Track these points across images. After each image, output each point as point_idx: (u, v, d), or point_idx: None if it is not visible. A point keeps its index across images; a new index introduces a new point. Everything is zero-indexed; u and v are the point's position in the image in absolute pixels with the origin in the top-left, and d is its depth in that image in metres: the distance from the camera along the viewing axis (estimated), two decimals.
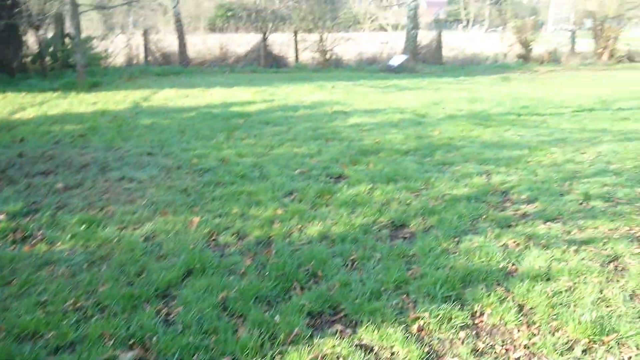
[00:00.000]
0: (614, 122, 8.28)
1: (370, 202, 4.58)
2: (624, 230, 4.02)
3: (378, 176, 5.33)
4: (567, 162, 5.92)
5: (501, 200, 4.72)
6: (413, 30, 18.70)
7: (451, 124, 8.08)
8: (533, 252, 3.56)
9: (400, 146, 6.62)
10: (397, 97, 11.09)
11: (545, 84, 14.07)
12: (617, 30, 20.55)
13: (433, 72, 17.36)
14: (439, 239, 3.78)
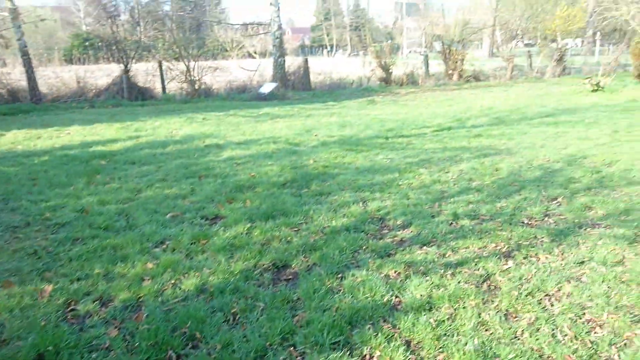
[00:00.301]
0: (470, 140, 9.00)
1: (250, 244, 4.37)
2: (491, 247, 4.26)
3: (256, 214, 5.13)
4: (434, 182, 6.24)
5: (379, 227, 4.78)
6: (280, 58, 18.97)
7: (324, 151, 8.18)
8: (414, 281, 3.60)
9: (276, 179, 6.51)
10: (270, 126, 11.05)
11: (407, 105, 15.02)
12: (462, 52, 22.77)
13: (303, 98, 17.71)
14: (323, 278, 3.68)
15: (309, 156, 7.80)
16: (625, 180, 6.25)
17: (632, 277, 3.65)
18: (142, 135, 10.15)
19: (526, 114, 12.27)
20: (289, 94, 18.05)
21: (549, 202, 5.43)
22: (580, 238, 4.42)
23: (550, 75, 23.66)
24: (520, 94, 17.44)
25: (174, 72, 18.67)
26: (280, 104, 15.91)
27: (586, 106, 13.75)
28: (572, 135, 9.18)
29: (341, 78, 22.27)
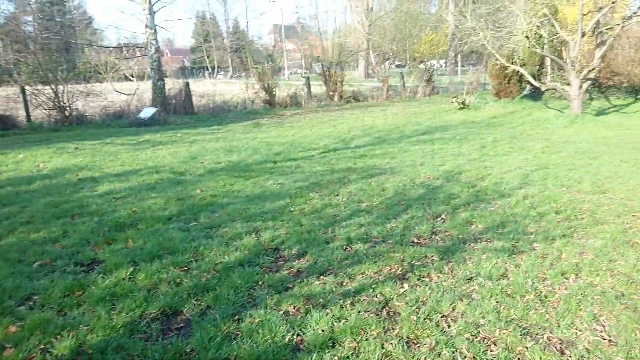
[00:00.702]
0: (356, 160, 9.22)
1: (134, 291, 3.97)
2: (386, 270, 4.30)
3: (140, 254, 4.71)
4: (325, 206, 6.24)
5: (274, 259, 4.62)
6: (159, 81, 18.19)
7: (212, 179, 7.86)
8: (314, 315, 3.48)
9: (161, 213, 6.08)
10: (152, 154, 10.43)
11: (293, 127, 15.13)
12: (341, 74, 23.62)
13: (186, 123, 17.09)
14: (218, 323, 3.42)
15: (196, 185, 7.44)
16: (498, 193, 6.76)
17: (516, 289, 3.87)
18: (2, 171, 9.02)
19: (404, 132, 12.94)
20: (171, 118, 17.32)
21: (434, 220, 5.67)
22: (466, 254, 4.63)
23: (421, 95, 25.39)
24: (397, 113, 18.44)
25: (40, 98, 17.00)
26: (161, 129, 15.17)
27: (455, 123, 14.89)
28: (447, 152, 9.81)
29: (225, 101, 21.92)
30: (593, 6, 15.49)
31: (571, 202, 6.27)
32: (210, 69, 74.60)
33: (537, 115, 15.61)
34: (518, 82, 19.87)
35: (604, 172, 7.83)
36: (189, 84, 19.81)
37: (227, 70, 76.40)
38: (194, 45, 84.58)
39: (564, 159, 8.87)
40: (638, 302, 3.69)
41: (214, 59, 77.89)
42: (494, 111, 17.48)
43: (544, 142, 10.83)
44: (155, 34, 17.84)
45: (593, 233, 5.19)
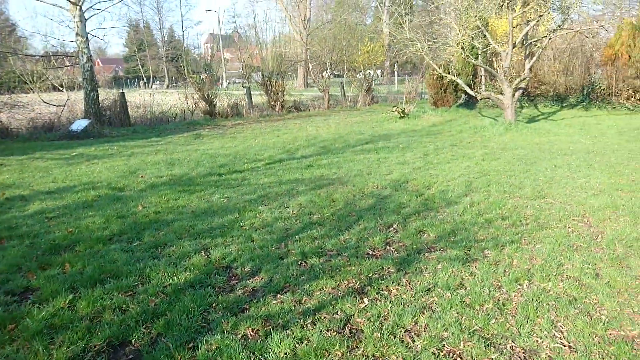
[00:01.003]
0: (303, 171, 9.11)
1: (75, 321, 3.64)
2: (344, 285, 4.20)
3: (79, 280, 4.36)
4: (276, 220, 6.07)
5: (226, 278, 4.41)
6: (92, 92, 17.31)
7: (154, 194, 7.49)
8: (275, 338, 3.32)
9: (100, 232, 5.69)
10: (87, 169, 9.84)
11: (236, 138, 14.83)
12: (282, 84, 23.51)
13: (122, 135, 16.36)
14: (171, 352, 3.19)
15: (137, 202, 7.05)
16: (445, 201, 6.86)
17: (474, 299, 3.88)
18: None
19: (348, 142, 12.99)
20: (106, 130, 16.51)
21: (387, 230, 5.65)
22: (421, 264, 4.62)
23: (361, 104, 25.73)
24: (339, 122, 18.54)
25: None
26: (96, 142, 14.42)
27: (397, 132, 15.14)
28: (392, 161, 9.91)
29: (163, 112, 21.22)
30: (521, 19, 16.31)
31: (515, 208, 6.46)
32: (146, 78, 72.44)
33: (473, 123, 16.17)
34: (454, 92, 20.57)
35: (541, 177, 8.15)
36: (124, 95, 19.01)
37: (163, 80, 74.42)
38: (128, 54, 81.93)
39: (504, 166, 9.17)
40: (590, 306, 3.79)
41: (149, 68, 75.71)
42: (433, 120, 17.95)
43: (483, 150, 11.19)
44: (87, 42, 17.00)
45: (539, 238, 5.34)
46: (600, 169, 8.72)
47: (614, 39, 19.39)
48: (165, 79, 74.77)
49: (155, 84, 72.26)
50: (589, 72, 21.21)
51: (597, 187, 7.45)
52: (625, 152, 10.46)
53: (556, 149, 11.13)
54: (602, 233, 5.49)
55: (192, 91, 21.59)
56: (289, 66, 28.87)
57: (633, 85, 18.55)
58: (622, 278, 4.27)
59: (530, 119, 17.01)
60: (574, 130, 14.29)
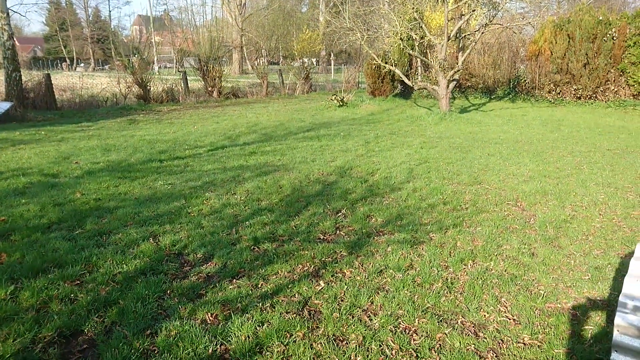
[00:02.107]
0: (247, 158, 9.04)
1: (19, 312, 3.46)
2: (299, 269, 4.25)
3: (19, 270, 4.12)
4: (224, 206, 6.01)
5: (178, 264, 4.34)
6: (14, 72, 16.14)
7: (92, 181, 7.17)
8: (235, 322, 3.32)
9: (37, 221, 5.39)
10: (14, 154, 9.22)
11: (173, 123, 14.41)
12: (220, 70, 23.05)
13: (49, 119, 15.42)
14: (130, 339, 3.12)
15: (74, 189, 6.73)
16: (389, 187, 7.06)
17: (425, 279, 4.06)
18: None
19: (290, 129, 13.00)
20: (30, 114, 15.49)
21: (335, 215, 5.75)
22: (372, 247, 4.76)
23: (300, 92, 25.75)
24: (278, 110, 18.47)
25: None
26: (20, 127, 13.50)
27: (337, 120, 15.33)
28: (335, 148, 10.04)
29: (93, 95, 20.19)
30: (455, 13, 16.92)
31: (455, 194, 6.77)
32: (69, 60, 68.39)
33: (410, 113, 16.65)
34: (391, 82, 21.05)
35: (476, 165, 8.57)
36: (50, 76, 17.89)
37: (89, 62, 70.60)
38: (48, 33, 76.76)
39: (441, 154, 9.55)
40: (529, 282, 4.08)
41: (73, 49, 71.46)
42: (371, 108, 18.30)
43: (421, 138, 11.58)
44: (8, 18, 15.80)
45: (478, 221, 5.65)
46: (529, 157, 9.30)
47: (538, 36, 20.56)
48: (90, 61, 71.05)
49: (80, 66, 68.48)
50: (515, 66, 22.39)
51: (527, 174, 7.94)
52: (549, 142, 11.20)
53: (488, 138, 11.72)
54: (534, 216, 5.88)
55: (124, 75, 20.68)
56: (225, 52, 28.29)
57: (554, 79, 19.80)
58: (555, 256, 4.62)
59: (463, 110, 17.75)
60: (502, 121, 15.08)
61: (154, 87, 21.14)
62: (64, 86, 23.69)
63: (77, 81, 21.50)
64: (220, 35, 32.10)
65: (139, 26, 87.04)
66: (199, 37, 24.48)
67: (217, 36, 26.00)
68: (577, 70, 18.93)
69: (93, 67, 68.33)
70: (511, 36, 21.59)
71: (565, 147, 10.41)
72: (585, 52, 18.60)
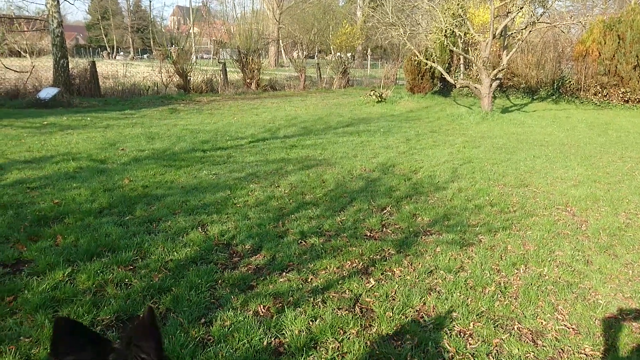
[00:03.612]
0: (288, 151, 9.06)
1: (78, 294, 3.54)
2: (347, 265, 4.22)
3: (75, 253, 4.22)
4: (269, 199, 6.03)
5: (227, 255, 4.37)
6: (62, 59, 16.58)
7: (139, 168, 7.30)
8: (288, 315, 3.32)
9: (89, 205, 5.52)
10: (63, 139, 9.47)
11: (213, 114, 14.56)
12: (258, 62, 23.17)
13: (93, 106, 15.80)
14: (186, 327, 3.15)
15: (122, 175, 6.86)
16: (433, 186, 6.96)
17: (477, 282, 3.98)
18: None
19: (329, 124, 12.96)
20: (76, 100, 15.90)
21: (381, 212, 5.70)
22: (421, 247, 4.70)
23: (337, 87, 25.67)
24: (316, 104, 18.46)
25: None
26: (67, 112, 13.87)
27: (376, 116, 15.21)
28: (375, 145, 9.96)
29: (135, 84, 20.58)
30: (501, 10, 16.51)
31: (501, 195, 6.62)
32: (109, 48, 69.91)
33: (450, 111, 16.39)
34: (431, 79, 20.75)
35: (522, 167, 8.36)
36: (95, 64, 18.33)
37: (128, 51, 71.99)
38: (91, 22, 78.58)
39: (485, 154, 9.36)
40: (585, 290, 3.95)
41: (113, 38, 73.00)
42: (410, 105, 18.10)
43: (463, 137, 11.38)
44: (58, 5, 16.22)
45: (528, 225, 5.50)
46: (577, 160, 9.02)
47: (586, 36, 19.89)
48: (130, 50, 72.48)
49: (120, 54, 69.92)
50: (560, 66, 21.75)
51: (576, 178, 7.70)
52: (597, 146, 10.84)
53: (532, 140, 11.43)
54: (585, 222, 5.70)
55: (165, 64, 20.99)
56: (264, 44, 28.42)
57: (601, 81, 19.15)
58: (612, 265, 4.46)
59: (504, 110, 17.36)
60: (546, 123, 14.68)
61: (194, 77, 21.40)
62: (107, 74, 24.20)
63: (121, 69, 21.92)
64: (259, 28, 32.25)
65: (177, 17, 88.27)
66: (238, 29, 24.59)
67: (256, 28, 26.07)
68: (627, 72, 18.25)
69: (132, 56, 69.68)
70: (557, 35, 20.98)
71: (614, 152, 10.06)
72: (636, 54, 17.90)
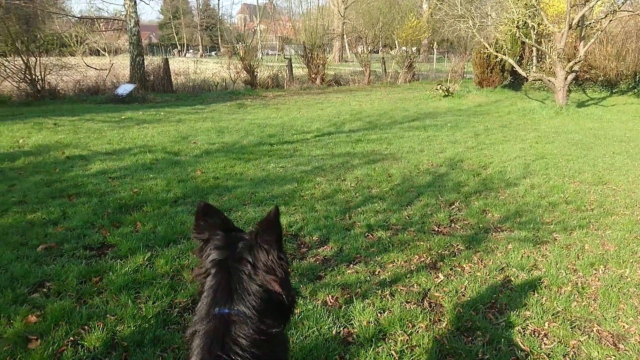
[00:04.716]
0: (353, 145, 9.07)
1: (157, 278, 3.74)
2: (415, 260, 4.19)
3: (153, 239, 4.46)
4: (335, 192, 6.08)
5: (296, 245, 4.45)
6: (138, 56, 17.47)
7: (210, 160, 7.57)
8: (357, 306, 3.34)
9: (165, 195, 5.79)
10: (140, 132, 9.99)
11: (279, 109, 14.82)
12: (323, 57, 23.30)
13: (166, 101, 16.53)
14: None
15: (195, 167, 7.15)
16: (503, 182, 6.74)
17: (552, 281, 3.82)
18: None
19: (395, 118, 12.84)
20: (150, 96, 16.71)
21: (449, 207, 5.60)
22: (491, 243, 4.57)
23: (402, 81, 25.34)
24: (381, 98, 18.32)
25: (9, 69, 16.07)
26: (142, 107, 14.60)
27: (443, 111, 14.89)
28: (442, 139, 9.76)
29: (205, 80, 21.31)
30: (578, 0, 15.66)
31: (578, 193, 6.31)
32: (180, 46, 72.66)
33: (521, 105, 15.76)
34: (500, 72, 20.04)
35: (600, 163, 7.92)
36: (167, 61, 19.14)
37: (197, 48, 74.51)
38: (163, 21, 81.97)
39: (560, 150, 8.94)
40: None
41: (183, 36, 75.82)
42: (478, 99, 17.57)
43: (535, 132, 10.92)
44: (135, 5, 17.09)
45: (607, 224, 5.21)
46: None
47: None
48: (199, 48, 74.92)
49: (189, 52, 72.43)
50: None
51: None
52: None
53: (611, 136, 10.78)
54: None
55: (233, 61, 21.59)
56: (329, 39, 28.51)
57: None
58: None
59: (580, 104, 16.48)
60: (627, 117, 13.80)
61: (260, 73, 21.85)
62: (178, 70, 25.18)
63: (192, 66, 22.76)
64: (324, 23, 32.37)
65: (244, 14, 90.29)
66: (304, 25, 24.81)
67: (321, 23, 26.21)
68: None
69: (201, 53, 72.02)
70: None
71: None
72: None
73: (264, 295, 1.43)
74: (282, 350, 1.48)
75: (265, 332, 1.37)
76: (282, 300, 1.47)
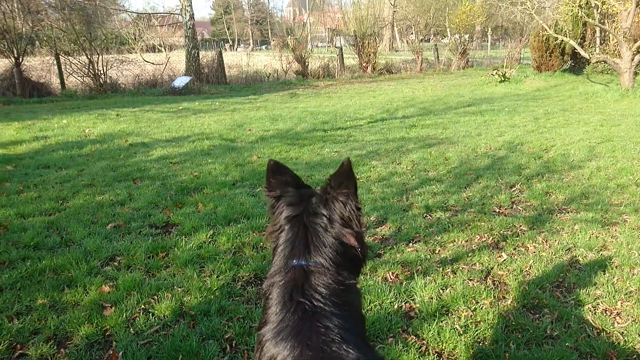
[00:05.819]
0: (408, 130, 8.96)
1: (219, 254, 3.85)
2: (477, 239, 4.10)
3: (214, 218, 4.59)
4: (391, 174, 6.03)
5: None
6: (193, 49, 17.94)
7: (265, 146, 7.69)
8: (418, 282, 3.32)
9: (223, 178, 5.94)
10: (196, 121, 10.28)
11: (331, 97, 14.84)
12: (375, 46, 23.09)
13: (220, 92, 16.90)
14: None
15: (251, 152, 7.28)
16: (567, 165, 6.47)
17: (623, 261, 3.65)
18: (50, 136, 8.96)
19: (449, 104, 12.58)
20: (205, 87, 17.14)
21: (510, 189, 5.44)
22: (556, 224, 4.41)
23: (455, 68, 24.77)
24: (434, 85, 17.98)
25: (74, 66, 16.91)
26: (197, 98, 15.01)
27: (499, 96, 14.45)
28: (500, 124, 9.48)
29: (257, 71, 21.62)
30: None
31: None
32: (231, 41, 73.95)
33: (583, 89, 15.05)
34: (560, 55, 19.16)
35: None
36: (221, 53, 19.56)
37: (248, 43, 75.59)
38: (214, 17, 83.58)
39: (627, 132, 8.48)
40: None
41: (234, 31, 77.07)
42: (537, 84, 16.92)
43: (600, 115, 10.40)
44: (189, 0, 17.52)
45: None
46: None
47: None
48: (249, 42, 75.94)
49: (240, 46, 73.54)
50: None
51: None
52: None
53: None
54: None
55: (284, 52, 21.77)
56: (380, 28, 28.19)
57: None
58: None
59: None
60: None
61: (311, 63, 21.93)
62: (230, 63, 25.67)
63: (245, 58, 23.14)
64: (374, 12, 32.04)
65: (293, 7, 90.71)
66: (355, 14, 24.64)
67: (372, 12, 25.94)
68: None
69: (252, 47, 72.99)
70: None
71: None
72: None
73: (340, 249, 1.44)
74: (357, 300, 1.49)
75: (342, 282, 1.39)
76: (357, 254, 1.48)
